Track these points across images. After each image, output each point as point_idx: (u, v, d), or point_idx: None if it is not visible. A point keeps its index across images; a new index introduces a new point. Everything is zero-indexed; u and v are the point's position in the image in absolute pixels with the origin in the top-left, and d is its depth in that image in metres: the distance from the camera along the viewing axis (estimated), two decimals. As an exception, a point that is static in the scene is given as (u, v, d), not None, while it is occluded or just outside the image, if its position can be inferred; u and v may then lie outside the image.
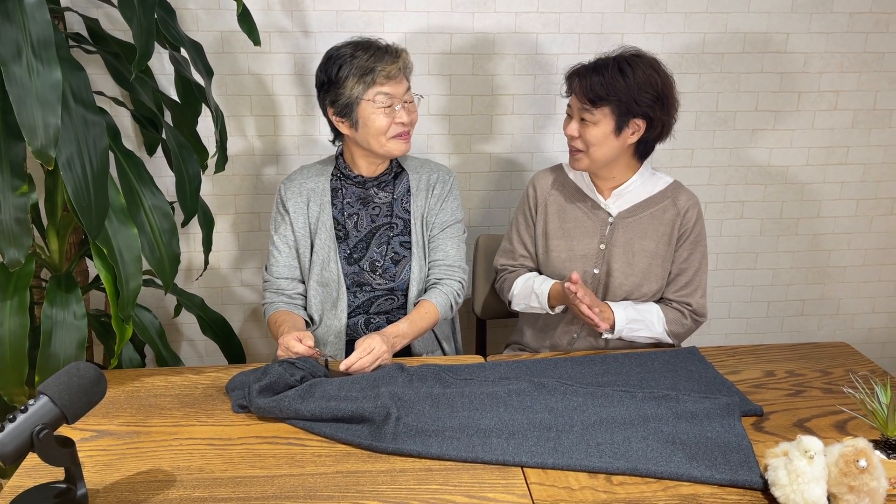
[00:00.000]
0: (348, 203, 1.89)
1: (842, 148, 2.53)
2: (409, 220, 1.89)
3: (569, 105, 1.80)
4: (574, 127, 1.77)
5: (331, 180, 1.90)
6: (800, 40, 2.40)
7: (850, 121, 2.50)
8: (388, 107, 1.75)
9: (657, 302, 1.87)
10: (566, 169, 1.94)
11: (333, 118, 1.80)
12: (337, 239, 1.87)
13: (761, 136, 2.49)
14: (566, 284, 1.70)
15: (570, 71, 1.80)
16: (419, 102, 1.84)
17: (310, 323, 1.90)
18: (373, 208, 1.89)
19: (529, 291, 1.88)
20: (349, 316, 1.88)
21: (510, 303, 1.97)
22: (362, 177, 1.88)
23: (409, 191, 1.90)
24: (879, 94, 2.48)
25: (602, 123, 1.73)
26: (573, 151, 1.81)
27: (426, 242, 1.90)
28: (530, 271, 1.96)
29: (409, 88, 1.80)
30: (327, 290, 1.87)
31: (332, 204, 1.88)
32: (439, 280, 1.89)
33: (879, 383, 1.29)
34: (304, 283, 1.91)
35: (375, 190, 1.89)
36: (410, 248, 1.89)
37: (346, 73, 1.73)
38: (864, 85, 2.46)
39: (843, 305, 2.72)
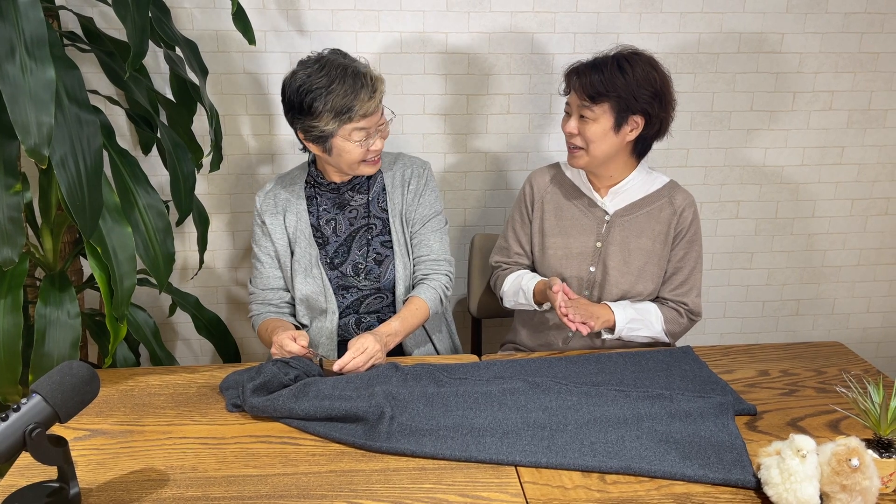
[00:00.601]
0: (324, 209, 1.87)
1: (836, 148, 2.53)
2: (388, 219, 1.88)
3: (567, 103, 1.81)
4: (573, 124, 1.78)
5: (305, 188, 1.88)
6: (795, 40, 2.40)
7: (845, 121, 2.51)
8: (364, 139, 1.72)
9: (653, 301, 1.87)
10: (563, 167, 1.94)
11: (304, 141, 1.77)
12: (317, 245, 1.86)
13: (756, 135, 2.49)
14: (549, 292, 1.71)
15: (568, 69, 1.80)
16: (392, 121, 1.81)
17: (300, 328, 1.89)
18: (349, 211, 1.87)
19: (518, 288, 1.89)
20: (339, 317, 1.88)
21: (502, 300, 1.97)
22: (335, 183, 1.86)
23: (384, 189, 1.89)
24: (874, 95, 2.48)
25: (601, 120, 1.74)
26: (572, 149, 1.81)
27: (408, 239, 1.90)
28: (524, 269, 1.96)
29: (382, 112, 1.75)
30: (313, 297, 1.86)
31: (309, 212, 1.87)
32: (426, 276, 1.89)
33: (872, 382, 1.29)
34: (289, 291, 1.90)
35: (350, 193, 1.87)
36: (392, 248, 1.88)
37: (320, 107, 1.66)
38: (858, 85, 2.47)
39: (837, 305, 2.73)
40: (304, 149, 1.83)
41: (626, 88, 1.71)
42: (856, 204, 2.60)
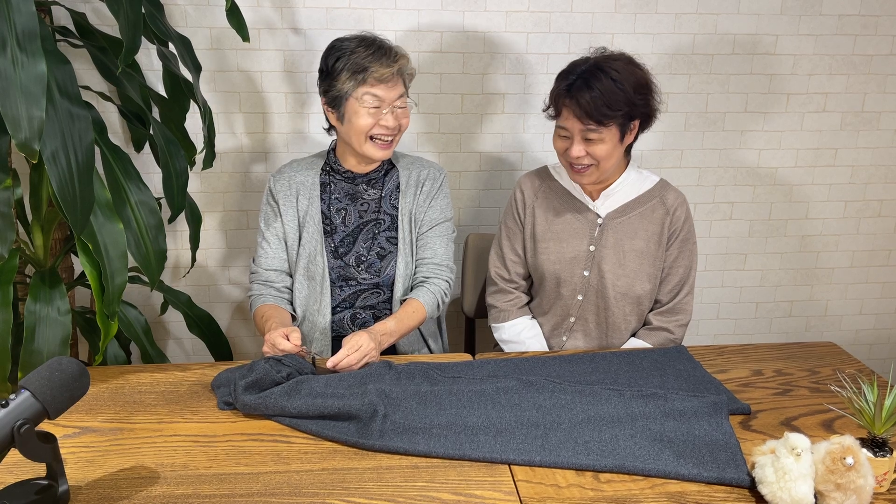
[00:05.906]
0: (336, 198, 1.88)
1: (830, 150, 2.54)
2: (397, 217, 1.88)
3: (562, 127, 1.73)
4: (579, 148, 1.70)
5: (320, 175, 1.89)
6: (789, 42, 2.41)
7: (839, 123, 2.51)
8: (375, 108, 1.74)
9: (651, 309, 1.89)
10: (552, 171, 1.92)
11: (324, 107, 1.81)
12: (324, 233, 1.86)
13: (750, 137, 2.50)
14: None
15: (554, 94, 1.74)
16: (413, 109, 1.82)
17: (295, 317, 1.89)
18: (361, 204, 1.88)
19: (518, 344, 1.92)
20: (335, 311, 1.87)
21: (493, 329, 1.99)
22: (352, 172, 1.87)
23: (398, 187, 1.90)
24: (867, 97, 2.49)
25: (608, 137, 1.70)
26: (579, 168, 1.74)
27: (413, 239, 1.90)
28: (524, 279, 1.96)
29: (403, 94, 1.78)
30: (313, 284, 1.86)
31: (321, 198, 1.87)
32: (427, 279, 1.88)
33: (866, 381, 1.29)
34: (291, 276, 1.90)
35: (365, 186, 1.88)
36: (397, 244, 1.88)
37: (341, 66, 1.73)
38: (852, 87, 2.47)
39: (830, 307, 2.73)
40: (329, 129, 1.88)
41: (627, 100, 1.67)
42: (849, 206, 2.61)
